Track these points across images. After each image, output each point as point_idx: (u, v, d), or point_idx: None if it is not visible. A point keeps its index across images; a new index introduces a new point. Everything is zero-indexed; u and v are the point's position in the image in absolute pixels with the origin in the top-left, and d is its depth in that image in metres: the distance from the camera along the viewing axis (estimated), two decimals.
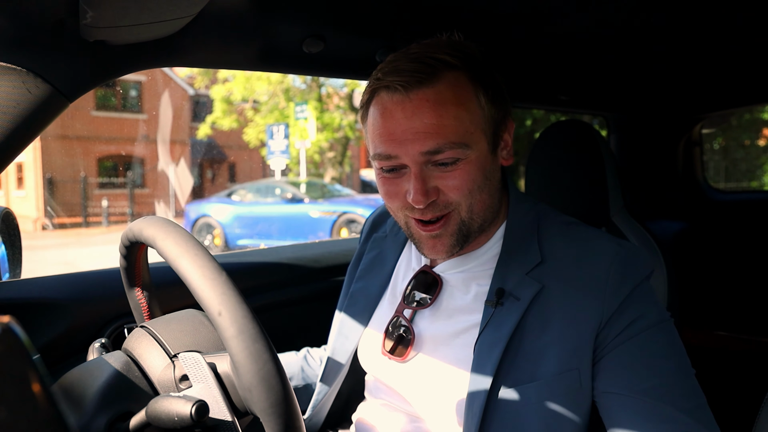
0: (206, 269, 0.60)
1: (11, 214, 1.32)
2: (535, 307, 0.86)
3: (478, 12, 1.34)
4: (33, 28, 0.90)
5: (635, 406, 0.80)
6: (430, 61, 0.84)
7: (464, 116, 0.85)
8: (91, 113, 16.03)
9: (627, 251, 0.88)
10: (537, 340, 0.85)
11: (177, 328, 0.75)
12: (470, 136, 0.85)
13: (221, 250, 9.91)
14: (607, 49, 1.74)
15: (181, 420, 0.58)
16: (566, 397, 0.83)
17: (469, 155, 0.86)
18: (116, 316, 1.27)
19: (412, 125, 0.84)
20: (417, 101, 0.84)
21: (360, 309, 1.09)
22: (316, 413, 1.13)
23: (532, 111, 9.13)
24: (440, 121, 0.83)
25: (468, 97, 0.86)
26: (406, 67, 0.85)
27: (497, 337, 0.85)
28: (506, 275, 0.90)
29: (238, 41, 1.15)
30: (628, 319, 0.83)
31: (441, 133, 0.83)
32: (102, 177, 16.31)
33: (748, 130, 9.89)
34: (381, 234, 1.17)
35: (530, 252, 0.91)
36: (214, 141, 18.03)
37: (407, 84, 0.84)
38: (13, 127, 0.92)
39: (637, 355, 0.82)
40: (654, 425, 0.78)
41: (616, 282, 0.84)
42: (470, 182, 0.87)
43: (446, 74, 0.85)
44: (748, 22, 1.55)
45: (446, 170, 0.86)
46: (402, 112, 0.84)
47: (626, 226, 1.33)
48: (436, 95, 0.84)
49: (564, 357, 0.83)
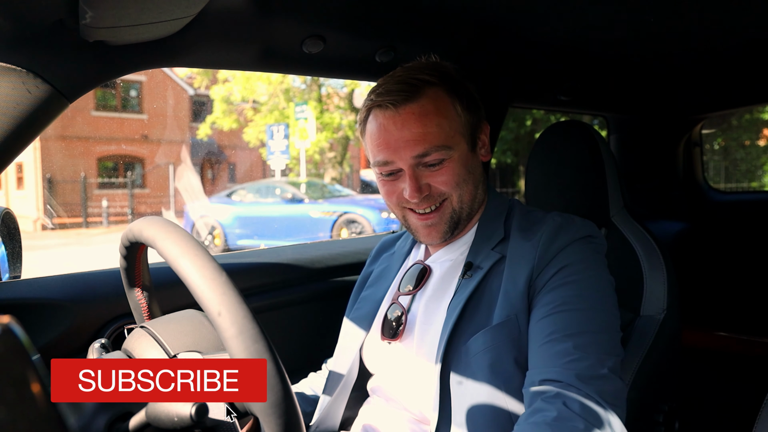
0: (206, 269, 0.60)
1: (11, 214, 1.32)
2: (493, 273, 1.02)
3: (478, 12, 1.34)
4: (33, 28, 0.90)
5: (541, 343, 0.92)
6: (413, 81, 1.03)
7: (444, 123, 1.03)
8: (91, 113, 16.03)
9: (564, 219, 1.04)
10: (490, 299, 1.00)
11: (177, 329, 0.75)
12: (451, 139, 1.03)
13: (221, 250, 9.91)
14: (607, 50, 1.74)
15: (180, 420, 0.58)
16: (508, 341, 0.95)
17: (452, 155, 1.03)
18: (116, 316, 1.27)
19: (403, 135, 1.01)
20: (405, 115, 1.02)
21: (365, 312, 1.20)
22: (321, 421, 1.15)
23: (532, 111, 9.13)
24: (425, 129, 1.01)
25: (447, 108, 1.04)
26: (393, 87, 1.03)
27: (460, 299, 1.00)
28: (477, 253, 1.07)
29: (238, 41, 1.15)
30: (554, 268, 0.97)
31: (426, 140, 1.01)
32: (102, 177, 16.31)
33: (748, 130, 9.89)
34: (390, 252, 1.32)
35: (496, 232, 1.08)
36: (214, 141, 18.03)
37: (396, 102, 1.02)
38: (13, 128, 0.92)
39: (558, 300, 0.94)
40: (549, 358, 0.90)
41: (546, 241, 1.00)
42: (456, 176, 1.04)
43: (427, 90, 1.03)
44: (748, 22, 1.55)
45: (434, 170, 1.03)
46: (393, 125, 1.02)
47: (626, 226, 1.33)
48: (420, 108, 1.01)
49: (506, 308, 0.97)
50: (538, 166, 1.43)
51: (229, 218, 10.46)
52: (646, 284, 1.24)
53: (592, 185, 1.33)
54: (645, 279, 1.25)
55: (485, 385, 0.94)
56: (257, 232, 10.17)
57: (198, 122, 17.39)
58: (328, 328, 1.58)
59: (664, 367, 1.18)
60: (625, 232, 1.32)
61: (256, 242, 9.98)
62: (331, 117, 15.97)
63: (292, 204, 10.57)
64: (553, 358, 0.89)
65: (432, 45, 1.36)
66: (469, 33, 1.43)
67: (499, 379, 0.94)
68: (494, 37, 1.49)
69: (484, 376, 0.94)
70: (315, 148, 15.84)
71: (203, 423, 0.60)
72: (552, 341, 0.90)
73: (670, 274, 1.24)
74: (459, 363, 0.96)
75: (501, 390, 0.93)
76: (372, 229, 9.26)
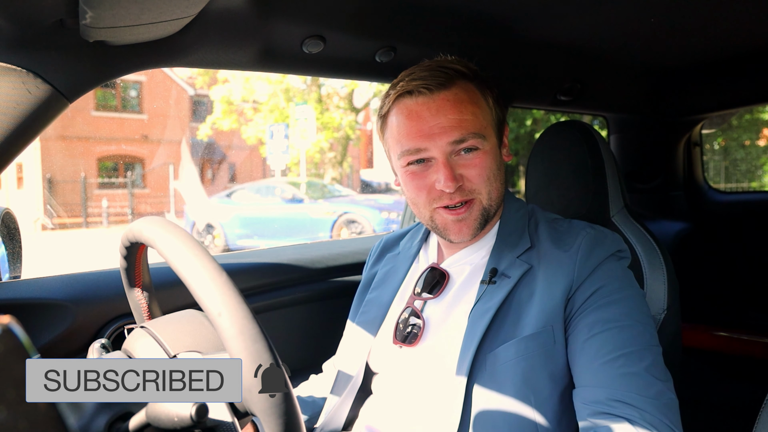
0: (206, 270, 0.60)
1: (11, 214, 1.32)
2: (522, 283, 1.00)
3: (478, 12, 1.34)
4: (33, 28, 0.90)
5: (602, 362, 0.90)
6: (445, 70, 1.02)
7: (479, 113, 1.02)
8: (91, 113, 16.03)
9: (596, 231, 1.03)
10: (521, 309, 0.97)
11: (177, 329, 0.75)
12: (485, 129, 1.03)
13: (221, 250, 9.90)
14: (607, 50, 1.74)
15: (180, 420, 0.58)
16: (541, 352, 0.94)
17: (485, 146, 1.02)
18: (116, 317, 1.27)
19: (438, 121, 1.00)
20: (440, 101, 1.00)
21: (372, 316, 1.18)
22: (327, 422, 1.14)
23: (532, 111, 9.13)
24: (461, 116, 1.00)
25: (479, 99, 1.04)
26: (425, 74, 1.01)
27: (487, 307, 0.98)
28: (500, 259, 1.04)
29: (238, 41, 1.15)
30: (594, 285, 0.96)
31: (463, 126, 0.99)
32: (102, 177, 16.29)
33: (748, 130, 9.88)
34: (395, 252, 1.29)
35: (522, 240, 1.06)
36: (214, 141, 18.02)
37: (430, 87, 1.00)
38: (13, 128, 0.92)
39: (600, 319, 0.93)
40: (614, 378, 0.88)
41: (585, 254, 0.98)
42: (487, 169, 1.02)
43: (459, 81, 1.02)
44: (748, 22, 1.55)
45: (468, 159, 1.01)
46: (428, 111, 1.00)
47: (626, 226, 1.32)
48: (455, 96, 1.01)
49: (541, 319, 0.95)
50: (538, 166, 1.43)
51: (229, 218, 10.45)
52: (647, 284, 1.24)
53: (593, 185, 1.33)
54: (645, 279, 1.25)
55: (513, 394, 0.92)
56: (257, 232, 10.16)
57: (198, 122, 17.37)
58: (328, 328, 1.58)
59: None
60: (626, 232, 1.31)
61: (256, 242, 9.98)
62: (331, 117, 15.96)
63: (292, 204, 10.57)
64: (620, 379, 0.87)
65: (432, 45, 1.36)
66: (469, 33, 1.43)
67: (529, 389, 0.92)
68: (494, 37, 1.49)
69: (513, 386, 0.93)
70: (315, 148, 15.84)
71: (203, 423, 0.60)
72: (612, 360, 0.89)
73: (671, 274, 1.24)
74: (483, 372, 0.95)
75: (530, 400, 0.92)
76: (372, 229, 9.26)
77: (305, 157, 15.09)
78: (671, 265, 1.25)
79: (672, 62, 2.00)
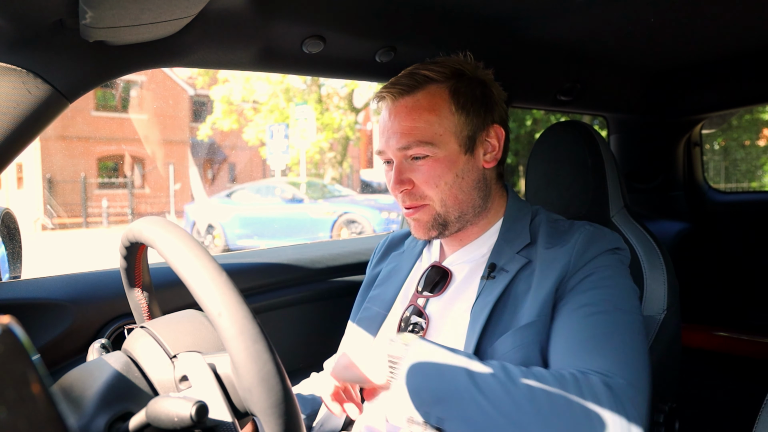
0: (206, 270, 0.60)
1: (11, 214, 1.32)
2: (521, 276, 1.02)
3: (479, 12, 1.34)
4: (33, 28, 0.90)
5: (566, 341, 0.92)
6: (416, 76, 1.06)
7: (434, 120, 1.04)
8: (91, 113, 16.02)
9: (595, 228, 1.05)
10: (518, 302, 0.99)
11: (177, 329, 0.75)
12: (438, 138, 1.04)
13: (221, 250, 9.90)
14: (607, 50, 1.74)
15: (180, 420, 0.58)
16: (537, 341, 0.95)
17: (437, 153, 1.04)
18: (116, 317, 1.27)
19: (393, 126, 1.06)
20: (399, 107, 1.05)
21: (374, 313, 1.20)
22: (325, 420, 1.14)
23: (532, 111, 9.13)
24: (412, 123, 1.03)
25: (441, 106, 1.05)
26: (398, 80, 1.07)
27: (486, 302, 1.00)
28: (500, 255, 1.06)
29: (238, 41, 1.15)
30: (584, 273, 0.97)
31: (411, 133, 1.03)
32: (102, 177, 16.29)
33: (748, 130, 9.87)
34: (399, 251, 1.31)
35: (521, 236, 1.07)
36: (214, 141, 18.01)
37: (394, 94, 1.06)
38: (13, 128, 0.92)
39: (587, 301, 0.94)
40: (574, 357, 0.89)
41: (581, 248, 1.00)
42: (437, 177, 1.04)
43: (428, 86, 1.05)
44: (748, 22, 1.55)
45: (417, 165, 1.05)
46: (389, 116, 1.07)
47: (626, 226, 1.33)
48: (414, 103, 1.04)
49: (535, 309, 0.96)
50: (538, 166, 1.43)
51: (229, 218, 10.45)
52: (647, 284, 1.24)
53: (593, 185, 1.33)
54: (645, 279, 1.25)
55: None
56: (257, 232, 10.16)
57: (198, 122, 17.38)
58: (328, 328, 1.58)
59: (664, 367, 1.18)
60: (626, 232, 1.32)
61: (256, 242, 9.98)
62: (331, 117, 15.96)
63: (292, 204, 10.57)
64: (580, 354, 0.88)
65: (432, 45, 1.36)
66: (470, 33, 1.43)
67: None
68: (494, 37, 1.49)
69: None
70: (315, 148, 15.84)
71: (203, 423, 0.60)
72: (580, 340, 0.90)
73: (670, 275, 1.24)
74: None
75: None
76: (372, 229, 9.26)
77: (305, 157, 15.09)
78: (671, 266, 1.25)
79: (672, 62, 2.00)
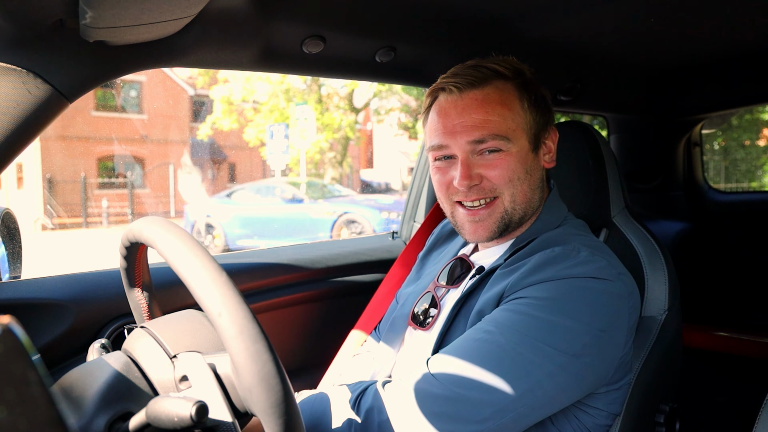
0: (206, 270, 0.60)
1: (11, 214, 1.32)
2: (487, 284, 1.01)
3: (478, 12, 1.34)
4: (33, 28, 0.90)
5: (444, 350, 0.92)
6: (482, 69, 1.02)
7: (507, 115, 1.01)
8: (91, 113, 16.03)
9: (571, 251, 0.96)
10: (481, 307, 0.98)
11: (177, 329, 0.75)
12: (512, 132, 1.01)
13: (221, 250, 9.90)
14: (608, 50, 1.74)
15: (180, 420, 0.58)
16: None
17: (510, 148, 1.01)
18: (116, 317, 1.27)
19: (462, 120, 1.01)
20: (468, 100, 1.01)
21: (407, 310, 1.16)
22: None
23: None
24: (486, 116, 1.00)
25: (512, 101, 1.02)
26: (461, 73, 1.03)
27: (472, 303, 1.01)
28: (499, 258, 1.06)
29: (238, 41, 1.15)
30: (517, 296, 0.92)
31: (486, 127, 1.00)
32: (102, 177, 16.29)
33: (748, 130, 9.87)
34: (446, 247, 1.30)
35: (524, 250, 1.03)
36: (214, 141, 18.02)
37: (460, 86, 1.01)
38: (13, 128, 0.91)
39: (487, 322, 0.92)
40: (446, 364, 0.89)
41: (527, 271, 0.94)
42: (510, 171, 1.01)
43: (495, 81, 1.02)
44: (748, 22, 1.55)
45: (489, 159, 1.01)
46: (455, 109, 1.02)
47: (627, 227, 1.32)
48: (485, 96, 1.01)
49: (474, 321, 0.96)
50: None
51: (229, 218, 10.45)
52: (648, 285, 1.24)
53: (594, 186, 1.33)
54: (646, 280, 1.24)
55: None
56: (257, 232, 10.16)
57: (198, 122, 17.38)
58: (328, 328, 1.58)
59: (665, 367, 1.17)
60: (626, 232, 1.31)
61: (256, 242, 9.98)
62: (331, 117, 15.96)
63: (292, 204, 10.57)
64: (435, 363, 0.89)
65: (432, 45, 1.36)
66: (469, 33, 1.43)
67: None
68: (494, 37, 1.49)
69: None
70: (315, 148, 15.84)
71: (203, 423, 0.60)
72: (444, 362, 0.88)
73: (671, 275, 1.24)
74: None
75: None
76: (372, 229, 9.26)
77: (305, 157, 15.09)
78: (672, 266, 1.25)
79: (672, 62, 2.00)
